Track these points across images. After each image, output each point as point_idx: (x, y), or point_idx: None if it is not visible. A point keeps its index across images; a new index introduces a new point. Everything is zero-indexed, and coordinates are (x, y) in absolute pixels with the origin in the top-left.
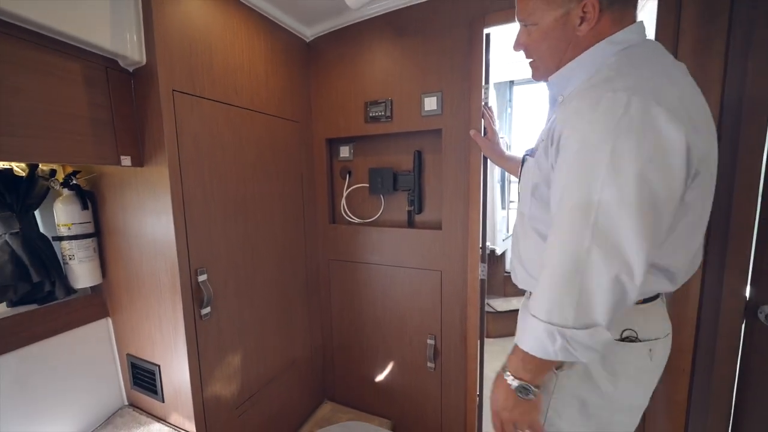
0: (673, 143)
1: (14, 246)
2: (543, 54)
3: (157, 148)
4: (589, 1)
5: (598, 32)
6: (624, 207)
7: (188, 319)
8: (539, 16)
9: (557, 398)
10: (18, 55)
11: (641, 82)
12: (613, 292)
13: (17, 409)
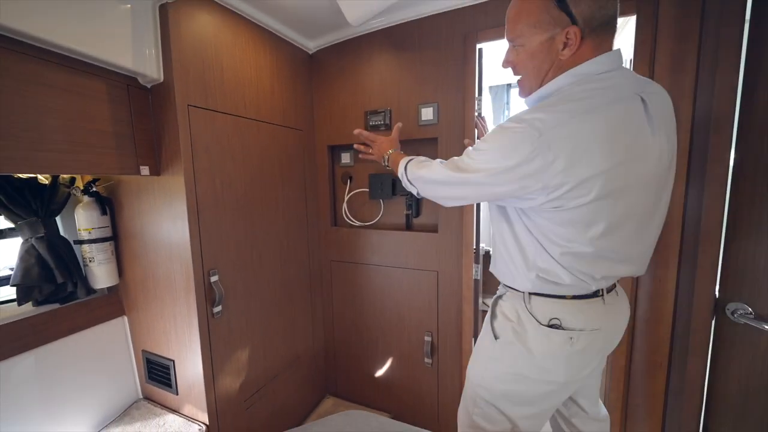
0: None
1: (40, 249)
2: (528, 72)
3: (174, 158)
4: (572, 29)
5: (578, 56)
6: (449, 171)
7: (201, 317)
8: (527, 38)
9: (496, 359)
10: (52, 78)
11: (549, 119)
12: (422, 180)
13: (41, 401)
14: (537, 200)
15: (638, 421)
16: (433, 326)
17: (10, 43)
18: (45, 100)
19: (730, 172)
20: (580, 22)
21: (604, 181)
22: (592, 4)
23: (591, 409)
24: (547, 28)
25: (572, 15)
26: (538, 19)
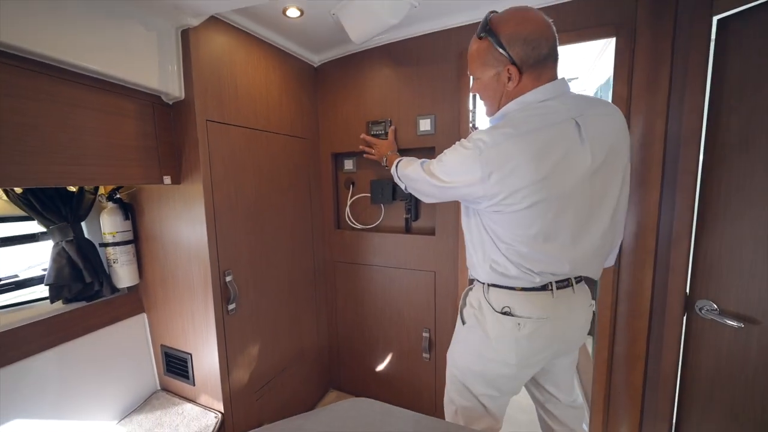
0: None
1: (70, 252)
2: (486, 99)
3: (193, 168)
4: (510, 67)
5: (521, 87)
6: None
7: (218, 313)
8: (480, 73)
9: (464, 341)
10: (90, 100)
11: (489, 140)
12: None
13: (70, 392)
14: (482, 204)
15: (620, 407)
16: (430, 323)
17: (55, 71)
18: (84, 120)
19: (698, 182)
20: (517, 62)
21: (533, 191)
22: (526, 46)
23: (564, 397)
24: (493, 66)
25: (510, 56)
26: (485, 59)
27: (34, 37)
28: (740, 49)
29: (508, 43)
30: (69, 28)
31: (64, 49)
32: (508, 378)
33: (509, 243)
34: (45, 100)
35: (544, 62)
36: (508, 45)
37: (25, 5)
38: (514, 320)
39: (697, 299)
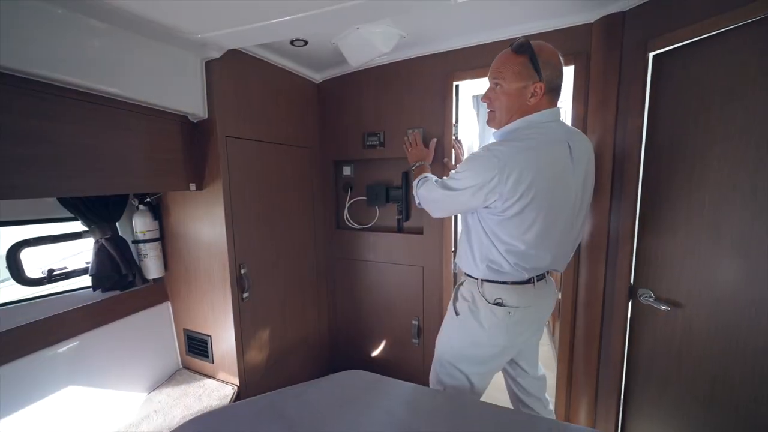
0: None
1: (109, 247)
2: (501, 108)
3: (214, 177)
4: (539, 84)
5: (537, 105)
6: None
7: (234, 301)
8: (507, 81)
9: (459, 327)
10: (133, 123)
11: (505, 150)
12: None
13: (110, 367)
14: (496, 206)
15: (580, 382)
16: (419, 312)
17: (112, 102)
18: (131, 140)
19: (639, 189)
20: (545, 81)
21: (534, 197)
22: (553, 72)
23: (531, 370)
24: (524, 79)
25: (541, 74)
26: (520, 71)
27: (96, 76)
28: (669, 79)
29: (544, 63)
30: (125, 67)
31: (120, 84)
32: (497, 357)
33: (508, 243)
34: (106, 126)
35: (557, 91)
36: (544, 65)
37: (96, 54)
38: (505, 309)
39: (639, 288)
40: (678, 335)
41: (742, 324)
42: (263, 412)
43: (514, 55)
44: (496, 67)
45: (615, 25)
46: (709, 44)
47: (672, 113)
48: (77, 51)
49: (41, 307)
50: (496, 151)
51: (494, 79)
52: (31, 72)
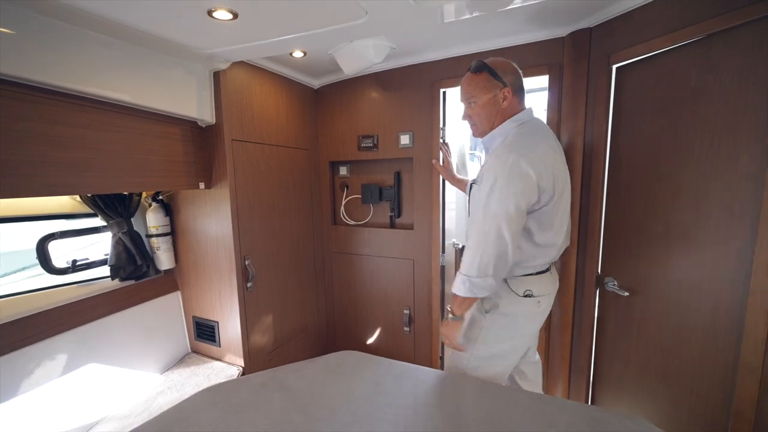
0: (529, 177)
1: (125, 241)
2: (482, 120)
3: (221, 177)
4: (506, 89)
5: (511, 107)
6: (502, 216)
7: (240, 290)
8: (478, 97)
9: (486, 328)
10: (152, 129)
11: (522, 147)
12: (497, 262)
13: (126, 349)
14: (540, 202)
15: (556, 362)
16: (410, 302)
17: (133, 111)
18: (149, 144)
19: (605, 188)
20: (509, 85)
21: (559, 189)
22: (513, 76)
23: (531, 355)
24: (491, 89)
25: (504, 81)
26: (485, 85)
27: (120, 89)
28: (629, 89)
29: (502, 72)
30: (143, 79)
31: (141, 95)
32: (524, 346)
33: (539, 233)
34: (128, 132)
35: (522, 91)
36: (503, 74)
37: (119, 69)
38: (534, 300)
39: (605, 277)
40: (636, 318)
41: (688, 307)
42: (268, 383)
43: (477, 75)
44: (465, 90)
45: (583, 39)
46: (660, 59)
47: (631, 119)
48: (106, 67)
49: (67, 293)
50: (517, 155)
51: (467, 100)
52: (67, 87)
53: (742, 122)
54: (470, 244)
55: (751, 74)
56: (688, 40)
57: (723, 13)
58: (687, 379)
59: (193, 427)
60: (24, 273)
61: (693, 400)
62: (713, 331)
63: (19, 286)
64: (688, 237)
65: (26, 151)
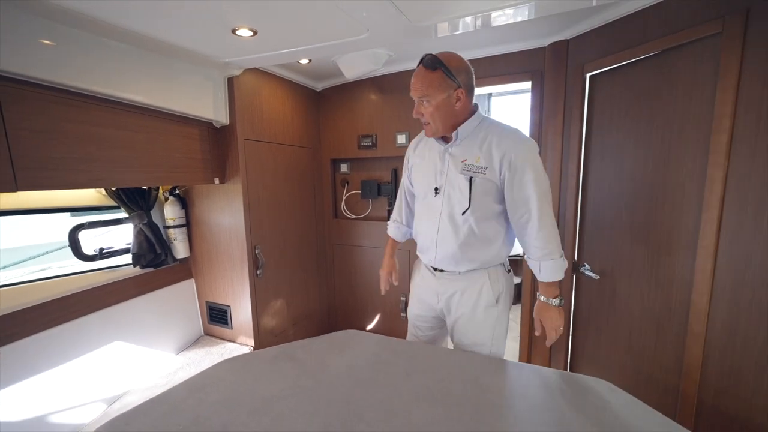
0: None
1: (146, 231)
2: (435, 120)
3: (234, 173)
4: (459, 90)
5: (464, 107)
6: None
7: (251, 276)
8: (432, 96)
9: (502, 314)
10: (174, 129)
11: (522, 135)
12: (559, 247)
13: (146, 329)
14: None
15: (539, 339)
16: (406, 290)
17: (157, 113)
18: (173, 142)
19: (580, 183)
20: (463, 86)
21: None
22: (465, 76)
23: None
24: (446, 89)
25: (457, 81)
26: (440, 84)
27: (149, 94)
28: (600, 95)
29: (456, 71)
30: (168, 85)
31: (164, 99)
32: None
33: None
34: (154, 132)
35: (473, 90)
36: (457, 73)
37: (147, 78)
38: (512, 275)
39: (580, 263)
40: (606, 297)
41: (647, 287)
42: (279, 356)
43: (430, 72)
44: (417, 86)
45: (561, 50)
46: (625, 70)
47: (601, 122)
48: (137, 75)
49: (95, 278)
50: (535, 147)
51: (420, 97)
52: (105, 93)
53: (689, 128)
54: (547, 232)
55: (696, 86)
56: (648, 54)
57: (673, 32)
58: (646, 351)
59: (217, 389)
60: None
61: (652, 368)
62: (668, 307)
63: (53, 271)
64: (648, 225)
65: (76, 149)
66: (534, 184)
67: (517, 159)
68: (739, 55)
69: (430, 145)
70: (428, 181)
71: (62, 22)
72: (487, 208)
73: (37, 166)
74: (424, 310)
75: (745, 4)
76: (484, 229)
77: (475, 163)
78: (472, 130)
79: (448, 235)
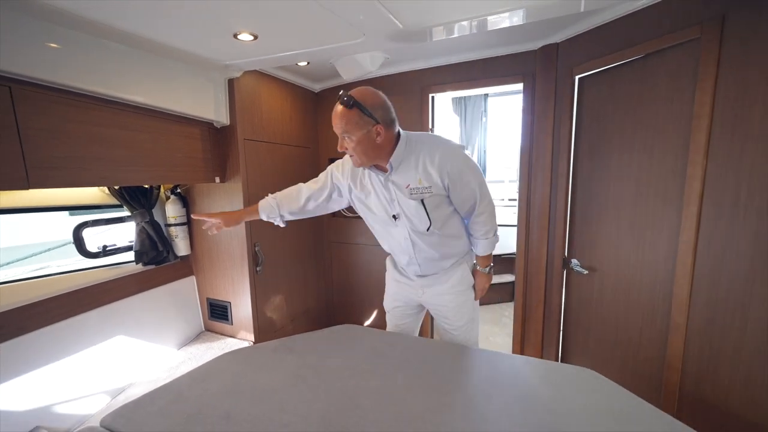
0: None
1: (148, 229)
2: (359, 154)
3: (235, 172)
4: (378, 126)
5: (387, 139)
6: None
7: (251, 272)
8: (353, 133)
9: (475, 306)
10: (176, 130)
11: (446, 142)
12: (496, 225)
13: (148, 325)
14: None
15: (531, 335)
16: None
17: (160, 114)
18: (175, 142)
19: (570, 181)
20: (381, 122)
21: None
22: (382, 112)
23: None
24: (364, 126)
25: (375, 118)
26: (357, 120)
27: (152, 95)
28: (588, 96)
29: (372, 108)
30: (171, 87)
31: (167, 100)
32: None
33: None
34: (157, 132)
35: (394, 122)
36: (372, 110)
37: (150, 79)
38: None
39: (570, 259)
40: (595, 292)
41: (633, 281)
42: (279, 348)
43: (347, 110)
44: (338, 123)
45: (551, 53)
46: (612, 72)
47: (589, 122)
48: (141, 77)
49: (99, 274)
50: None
51: (341, 133)
52: (108, 94)
53: (671, 128)
54: (488, 214)
55: (677, 88)
56: (632, 58)
57: (656, 37)
58: (632, 343)
59: (220, 380)
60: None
61: (636, 360)
62: (652, 301)
63: (51, 269)
64: (633, 222)
65: (83, 148)
66: (473, 180)
67: (454, 168)
68: (716, 58)
69: (368, 174)
70: (383, 209)
71: (72, 27)
72: (444, 214)
73: (47, 165)
74: (402, 302)
75: (722, 11)
76: (449, 230)
77: (418, 185)
78: (403, 156)
79: (423, 247)
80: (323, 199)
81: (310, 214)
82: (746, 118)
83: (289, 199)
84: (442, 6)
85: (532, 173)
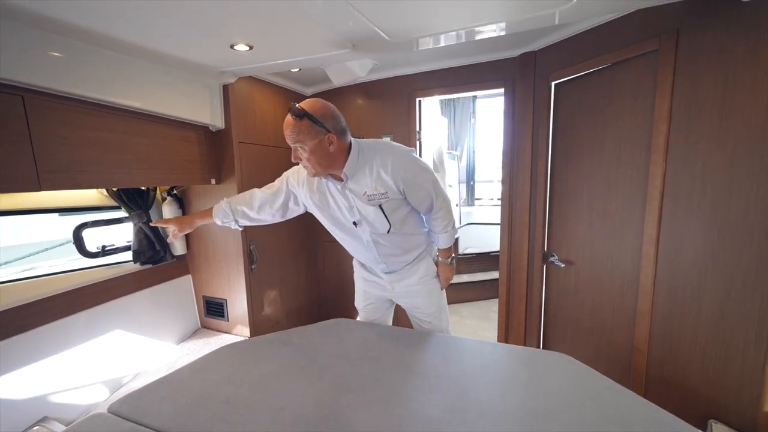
0: None
1: (145, 229)
2: (312, 163)
3: (229, 174)
4: (330, 135)
5: (340, 148)
6: (439, 183)
7: (246, 270)
8: (305, 143)
9: (441, 293)
10: (173, 133)
11: (396, 148)
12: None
13: (147, 321)
14: None
15: (514, 327)
16: None
17: (157, 119)
18: (172, 145)
19: (548, 183)
20: (333, 131)
21: None
22: (333, 121)
23: None
24: (316, 136)
25: (326, 127)
26: (308, 131)
27: (151, 101)
28: (563, 101)
29: (322, 118)
30: (169, 92)
31: (165, 106)
32: None
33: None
34: (156, 137)
35: (346, 131)
36: (323, 120)
37: (150, 86)
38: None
39: (550, 253)
40: (572, 284)
41: (604, 273)
42: (275, 341)
43: (298, 121)
44: (289, 134)
45: (529, 60)
46: (584, 79)
47: (565, 126)
48: (140, 84)
49: (98, 273)
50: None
51: (294, 143)
52: (109, 100)
53: (636, 130)
54: (445, 210)
55: (640, 94)
56: (601, 66)
57: (620, 48)
58: (605, 330)
59: (219, 369)
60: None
61: (609, 345)
62: (622, 291)
63: (43, 270)
64: (604, 218)
65: (87, 152)
66: (426, 181)
67: (407, 173)
68: (672, 67)
69: (325, 182)
70: (342, 217)
71: (81, 39)
72: (402, 215)
73: (56, 168)
74: (374, 299)
75: (675, 26)
76: (409, 227)
77: (374, 192)
78: (357, 165)
79: (386, 246)
80: (278, 206)
81: (264, 222)
82: (698, 119)
83: (243, 203)
84: (426, 19)
85: (514, 174)
